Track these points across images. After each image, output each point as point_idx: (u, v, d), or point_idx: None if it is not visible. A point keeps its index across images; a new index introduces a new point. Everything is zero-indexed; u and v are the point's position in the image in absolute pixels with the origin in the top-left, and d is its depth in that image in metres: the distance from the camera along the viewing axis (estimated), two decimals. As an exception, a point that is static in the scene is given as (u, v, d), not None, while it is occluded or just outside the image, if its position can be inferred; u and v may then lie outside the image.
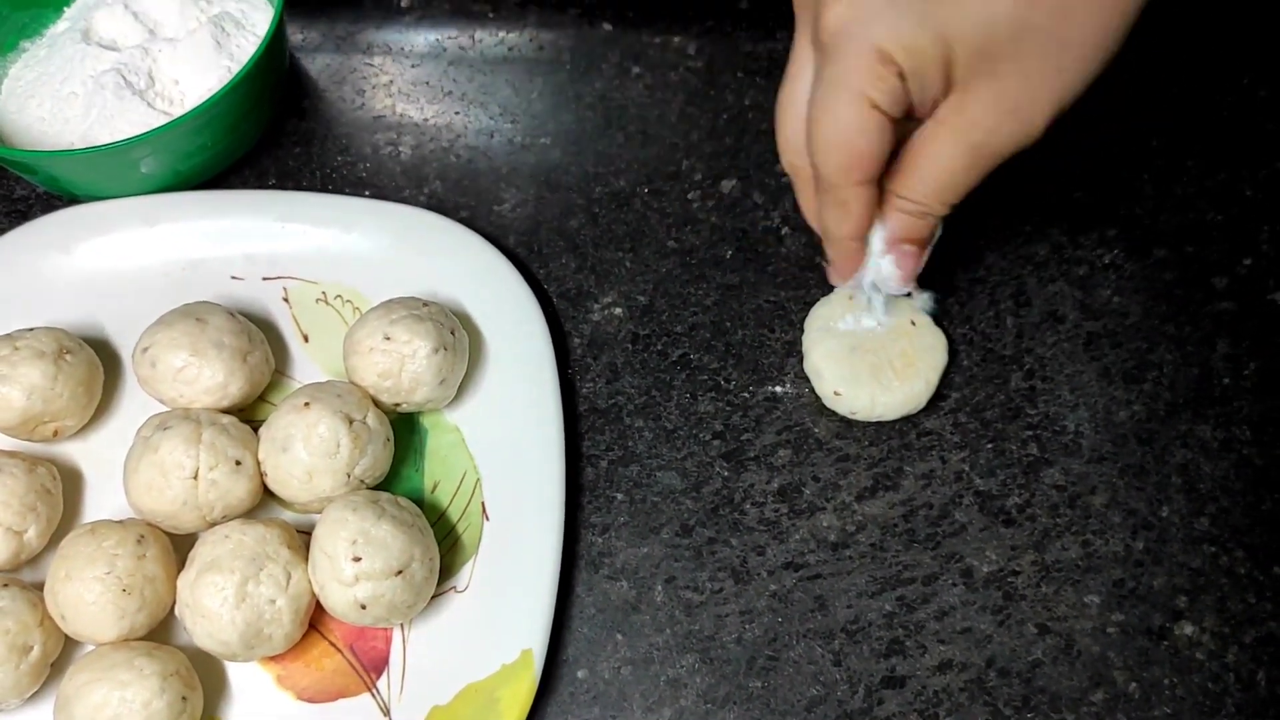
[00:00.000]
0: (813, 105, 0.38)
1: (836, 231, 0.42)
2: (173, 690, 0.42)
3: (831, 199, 0.40)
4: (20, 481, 0.45)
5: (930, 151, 0.39)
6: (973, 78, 0.36)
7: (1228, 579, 0.46)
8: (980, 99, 0.37)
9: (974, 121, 0.37)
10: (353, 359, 0.48)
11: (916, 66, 0.36)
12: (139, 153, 0.51)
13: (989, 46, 0.35)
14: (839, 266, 0.46)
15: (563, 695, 0.45)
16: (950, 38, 0.35)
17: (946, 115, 0.38)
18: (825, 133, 0.38)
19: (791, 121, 0.41)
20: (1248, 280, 0.53)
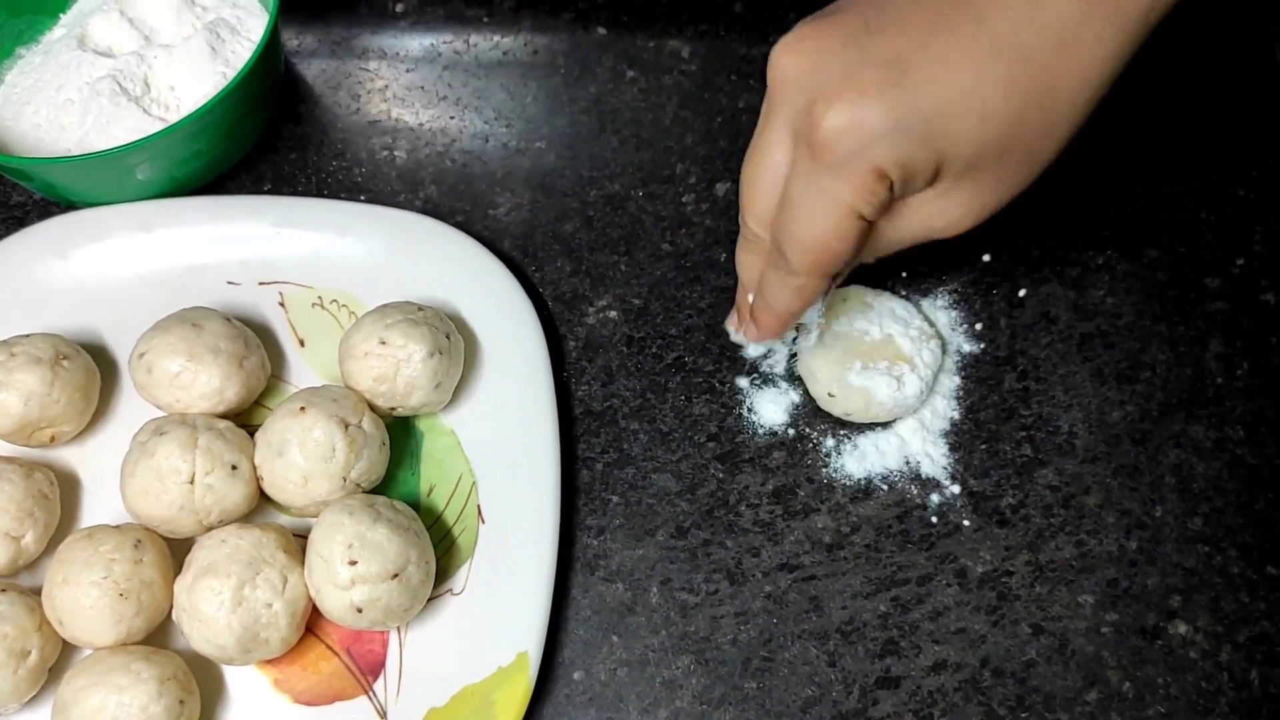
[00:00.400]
0: (794, 201, 0.38)
1: (783, 308, 0.43)
2: (170, 694, 0.42)
3: (791, 282, 0.41)
4: (18, 487, 0.45)
5: (893, 230, 0.40)
6: (955, 182, 0.38)
7: (1221, 578, 0.47)
8: (956, 199, 0.38)
9: (942, 214, 0.39)
10: (348, 363, 0.48)
11: (909, 179, 0.37)
12: (135, 159, 0.51)
13: (977, 161, 0.37)
14: (765, 332, 0.45)
15: (559, 697, 0.45)
16: (945, 155, 0.37)
17: (919, 206, 0.39)
18: (804, 232, 0.38)
19: (761, 194, 0.41)
20: (1240, 280, 0.53)
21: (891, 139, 0.36)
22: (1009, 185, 0.38)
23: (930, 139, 0.36)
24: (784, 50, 0.38)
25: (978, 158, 0.37)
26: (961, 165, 0.37)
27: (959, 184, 0.38)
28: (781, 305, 0.42)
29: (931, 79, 0.35)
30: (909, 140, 0.36)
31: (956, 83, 0.36)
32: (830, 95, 0.36)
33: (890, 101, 0.35)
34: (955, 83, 0.35)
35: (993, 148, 0.37)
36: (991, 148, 0.37)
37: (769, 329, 0.44)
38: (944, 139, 0.36)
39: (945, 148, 0.36)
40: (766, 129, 0.39)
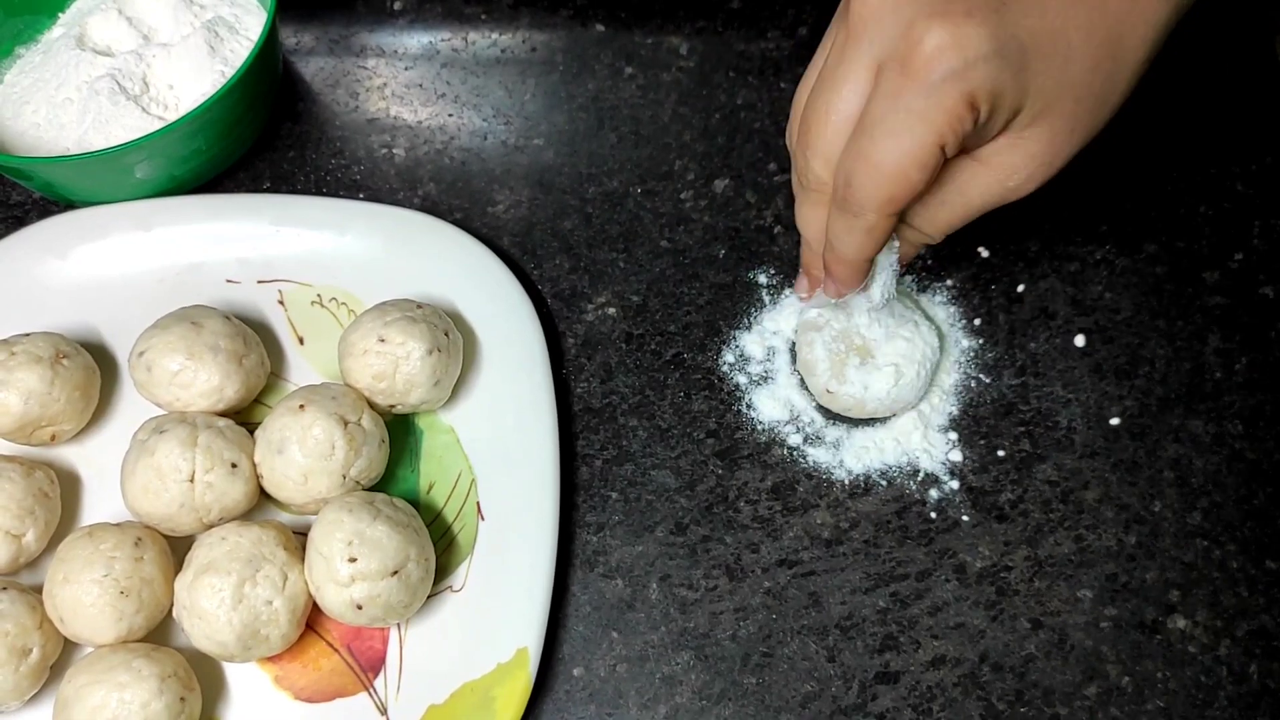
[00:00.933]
0: (875, 123, 0.37)
1: (855, 255, 0.41)
2: (171, 691, 0.42)
3: (859, 224, 0.39)
4: (18, 485, 0.45)
5: (966, 190, 0.40)
6: (1028, 129, 0.38)
7: (1220, 573, 0.47)
8: (1029, 149, 0.39)
9: (1015, 167, 0.39)
10: (347, 361, 0.48)
11: (994, 112, 0.37)
12: (134, 158, 0.51)
13: (1055, 102, 0.38)
14: (842, 283, 0.43)
15: (558, 693, 0.45)
16: (1029, 91, 0.37)
17: (991, 158, 0.39)
18: (884, 156, 0.37)
19: (833, 130, 0.39)
20: (1239, 275, 0.53)
21: (990, 64, 0.36)
22: (1078, 134, 0.39)
23: (1022, 71, 0.36)
24: None
25: (1056, 99, 0.37)
26: (1041, 106, 0.37)
27: (1033, 130, 0.38)
28: (854, 250, 0.41)
29: (1027, 13, 0.36)
30: (1005, 68, 0.36)
31: (1047, 21, 0.37)
32: (932, 14, 0.36)
33: (993, 26, 0.36)
34: (1046, 20, 0.37)
35: (1070, 89, 0.37)
36: (1069, 89, 0.37)
37: (846, 279, 0.43)
38: (1032, 73, 0.37)
39: (1031, 82, 0.37)
40: (846, 61, 0.38)
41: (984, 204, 0.40)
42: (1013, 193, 0.40)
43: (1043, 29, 0.37)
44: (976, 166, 0.39)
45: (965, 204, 0.40)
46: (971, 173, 0.39)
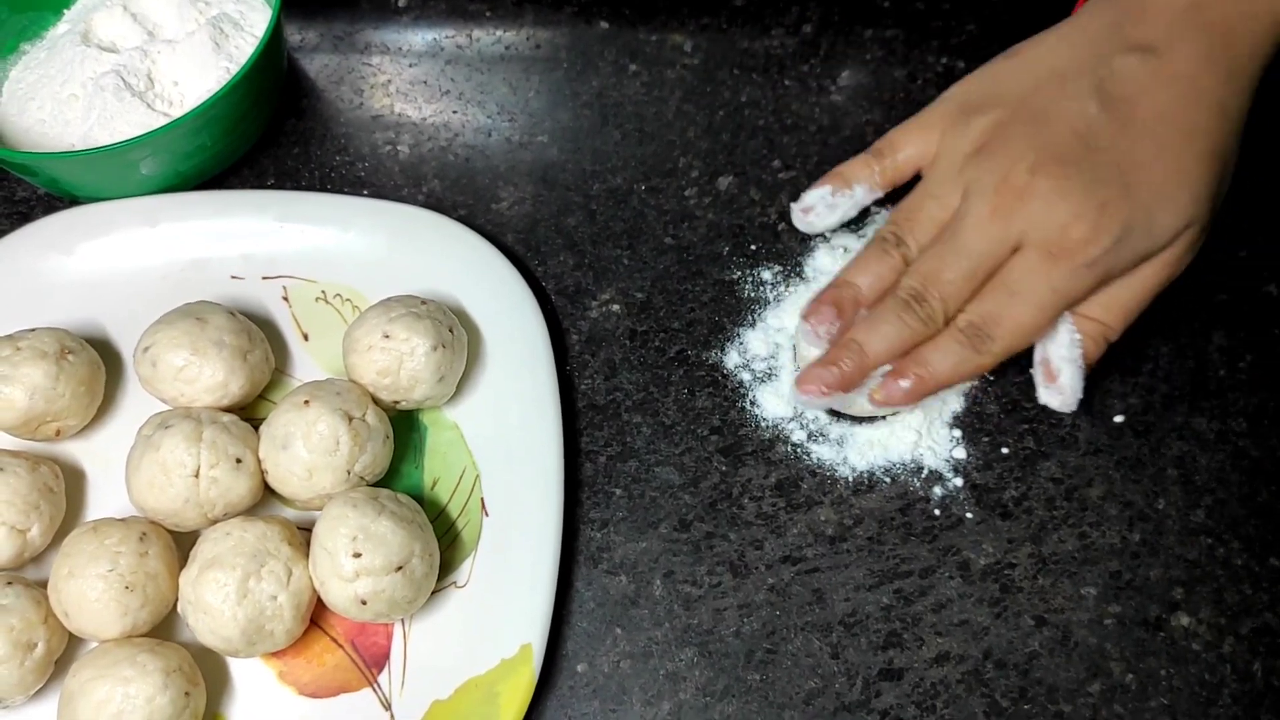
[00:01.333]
0: (1019, 290, 0.44)
1: (950, 380, 0.45)
2: (175, 686, 0.42)
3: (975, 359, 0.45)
4: (23, 480, 0.45)
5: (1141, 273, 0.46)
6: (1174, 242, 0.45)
7: (1224, 570, 0.47)
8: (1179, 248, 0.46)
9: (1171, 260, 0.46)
10: (352, 357, 0.48)
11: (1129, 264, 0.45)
12: (139, 154, 0.51)
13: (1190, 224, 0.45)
14: (911, 398, 0.46)
15: (562, 689, 0.46)
16: (1166, 232, 0.45)
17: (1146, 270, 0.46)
18: (1025, 320, 0.45)
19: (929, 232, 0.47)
20: (1243, 272, 0.53)
21: (1122, 245, 0.43)
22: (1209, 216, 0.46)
23: (1150, 230, 0.44)
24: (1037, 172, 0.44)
25: (1192, 217, 0.45)
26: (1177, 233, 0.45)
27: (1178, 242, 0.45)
28: (951, 377, 0.45)
29: (1149, 181, 0.44)
30: (1133, 239, 0.44)
31: (1162, 178, 0.44)
32: (1076, 215, 0.43)
33: (1124, 212, 0.43)
34: (1160, 178, 0.44)
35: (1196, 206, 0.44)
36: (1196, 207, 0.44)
37: (916, 396, 0.46)
38: (1160, 223, 0.44)
39: (1159, 226, 0.44)
40: (990, 231, 0.45)
41: (1155, 286, 0.46)
42: (1173, 276, 0.46)
43: (1162, 175, 0.44)
44: (1146, 263, 0.45)
45: (1141, 289, 0.46)
46: (1143, 268, 0.45)
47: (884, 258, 0.47)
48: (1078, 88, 0.45)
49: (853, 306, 0.47)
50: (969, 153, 0.46)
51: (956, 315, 0.45)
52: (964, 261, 0.45)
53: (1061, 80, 0.46)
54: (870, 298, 0.47)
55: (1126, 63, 0.45)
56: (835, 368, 0.46)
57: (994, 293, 0.45)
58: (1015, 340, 0.45)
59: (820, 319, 0.47)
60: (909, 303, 0.45)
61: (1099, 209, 0.43)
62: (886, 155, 0.50)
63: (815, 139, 0.57)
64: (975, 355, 0.45)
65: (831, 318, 0.47)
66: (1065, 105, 0.45)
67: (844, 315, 0.47)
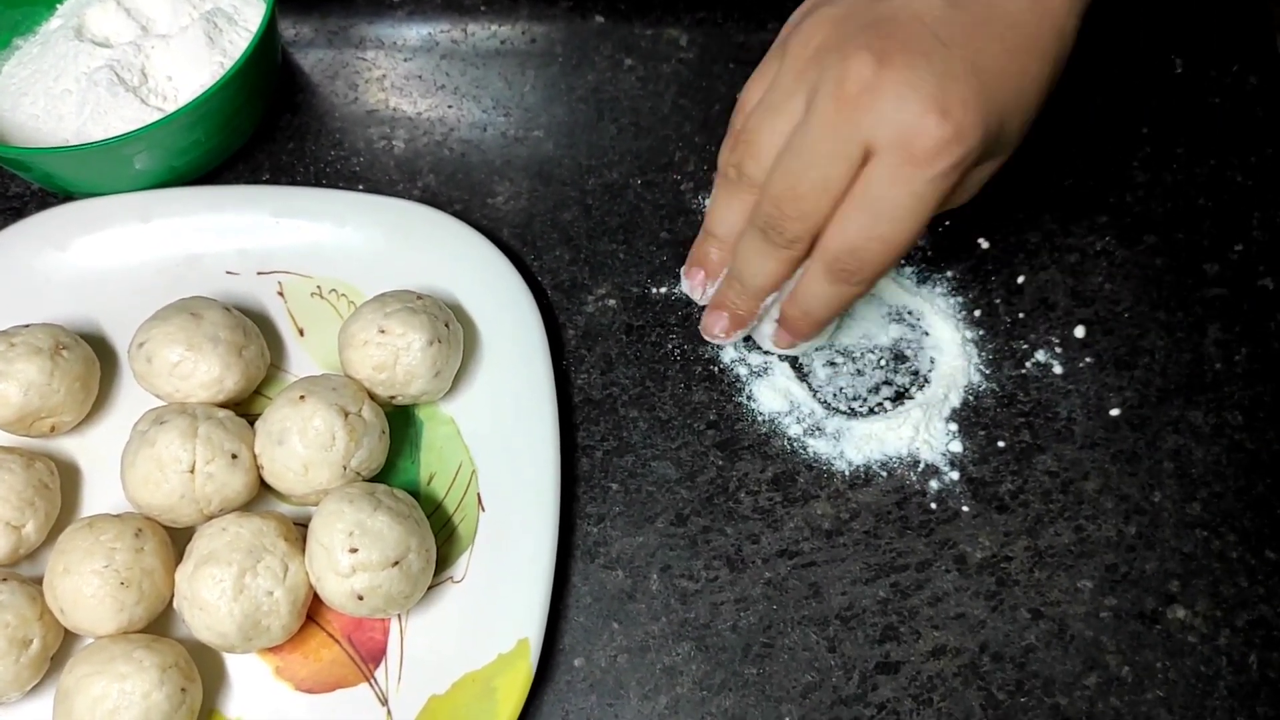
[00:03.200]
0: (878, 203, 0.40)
1: (830, 315, 0.44)
2: (172, 682, 0.42)
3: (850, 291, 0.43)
4: (18, 477, 0.45)
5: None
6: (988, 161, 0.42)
7: (1220, 563, 0.47)
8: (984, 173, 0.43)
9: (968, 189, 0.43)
10: (348, 352, 0.48)
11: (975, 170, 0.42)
12: (133, 149, 0.51)
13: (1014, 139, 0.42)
14: (798, 335, 0.46)
15: (559, 684, 0.46)
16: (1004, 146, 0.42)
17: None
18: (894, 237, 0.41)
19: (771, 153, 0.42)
20: (1239, 266, 0.53)
21: (982, 144, 0.40)
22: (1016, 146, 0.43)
23: (1000, 136, 0.41)
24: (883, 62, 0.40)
25: (1016, 136, 0.42)
26: (1005, 145, 0.42)
27: (992, 160, 0.42)
28: (831, 312, 0.44)
29: (1001, 86, 0.40)
30: (990, 141, 0.40)
31: (1012, 86, 0.41)
32: (930, 108, 0.39)
33: (983, 111, 0.39)
34: (1011, 86, 0.41)
35: (1023, 124, 0.42)
36: (1023, 123, 0.42)
37: (807, 333, 0.45)
38: (1007, 135, 0.41)
39: (1005, 141, 0.41)
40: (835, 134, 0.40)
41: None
42: (955, 205, 0.43)
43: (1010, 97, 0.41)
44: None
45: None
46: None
47: (731, 198, 0.44)
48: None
49: (719, 256, 0.46)
50: (806, 57, 0.42)
51: (822, 231, 0.42)
52: (813, 172, 0.41)
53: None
54: (731, 242, 0.45)
55: None
56: (726, 310, 0.46)
57: (855, 213, 0.41)
58: (884, 261, 0.42)
59: (693, 281, 0.48)
60: (765, 232, 0.43)
61: (960, 106, 0.39)
62: (737, 120, 0.46)
63: (811, 133, 0.57)
64: (848, 287, 0.43)
65: (700, 279, 0.47)
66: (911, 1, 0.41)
67: (711, 270, 0.47)
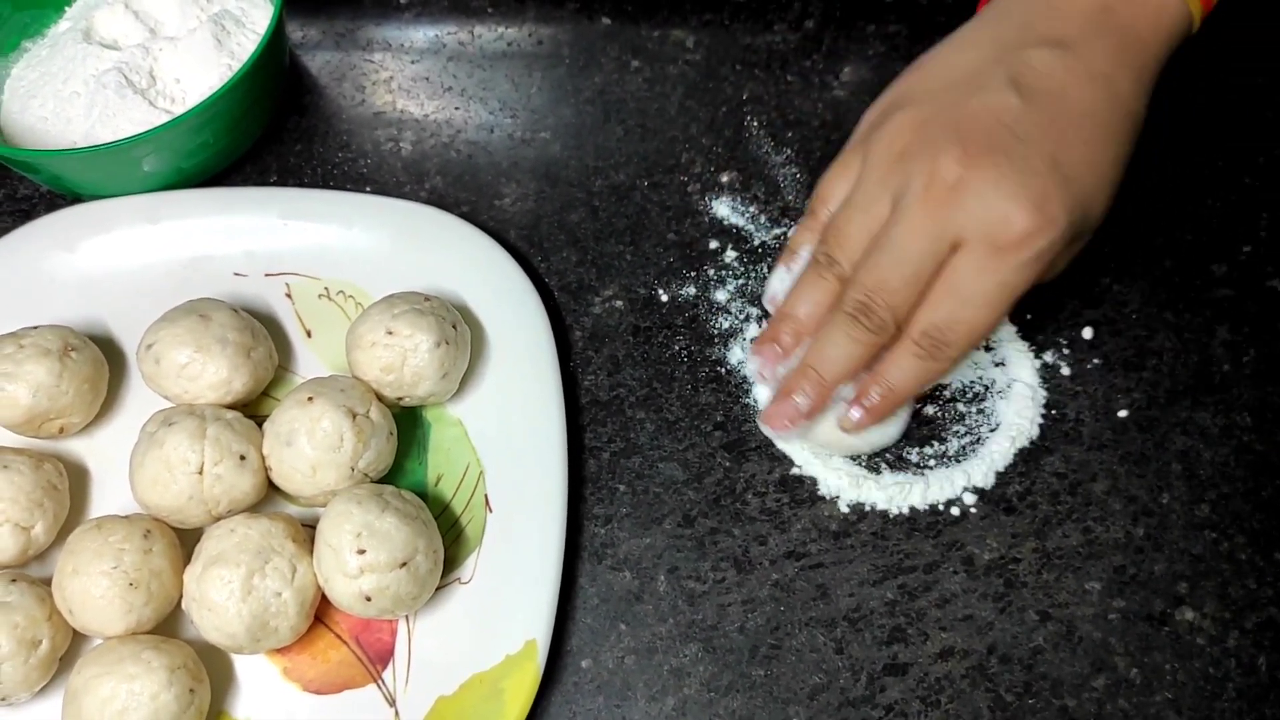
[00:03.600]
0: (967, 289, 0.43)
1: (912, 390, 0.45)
2: (180, 683, 0.42)
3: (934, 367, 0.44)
4: (27, 478, 0.45)
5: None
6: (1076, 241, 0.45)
7: (1228, 565, 0.47)
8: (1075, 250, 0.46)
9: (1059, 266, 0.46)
10: (355, 354, 0.48)
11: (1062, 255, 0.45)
12: (141, 151, 0.51)
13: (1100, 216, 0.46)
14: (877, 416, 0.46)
15: (567, 685, 0.46)
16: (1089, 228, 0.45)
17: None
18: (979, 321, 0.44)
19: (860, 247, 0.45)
20: (1247, 267, 0.53)
21: (1065, 233, 0.43)
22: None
23: (1084, 220, 0.44)
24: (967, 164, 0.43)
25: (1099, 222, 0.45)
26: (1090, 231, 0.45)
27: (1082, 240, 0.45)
28: (911, 388, 0.45)
29: (1080, 175, 0.43)
30: (1074, 228, 0.43)
31: (1092, 172, 0.44)
32: (1020, 206, 0.42)
33: (1067, 203, 0.42)
34: (1091, 172, 0.44)
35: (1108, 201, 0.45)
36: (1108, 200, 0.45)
37: (882, 413, 0.46)
38: (1090, 217, 0.44)
39: (1089, 223, 0.44)
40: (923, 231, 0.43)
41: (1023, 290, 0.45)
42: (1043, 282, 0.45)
43: (1092, 181, 0.44)
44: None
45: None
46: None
47: (818, 282, 0.46)
48: (994, 80, 0.44)
49: (794, 340, 0.47)
50: (892, 158, 0.44)
51: (908, 320, 0.44)
52: (904, 268, 0.43)
53: (975, 75, 0.44)
54: (811, 326, 0.46)
55: (1040, 55, 0.44)
56: (796, 398, 0.46)
57: (944, 298, 0.43)
58: (970, 341, 0.44)
59: (766, 359, 0.47)
60: (855, 317, 0.44)
61: (1040, 199, 0.42)
62: (819, 210, 0.48)
63: (818, 135, 0.57)
64: (934, 364, 0.44)
65: (775, 356, 0.47)
66: (985, 98, 0.44)
67: (787, 351, 0.47)
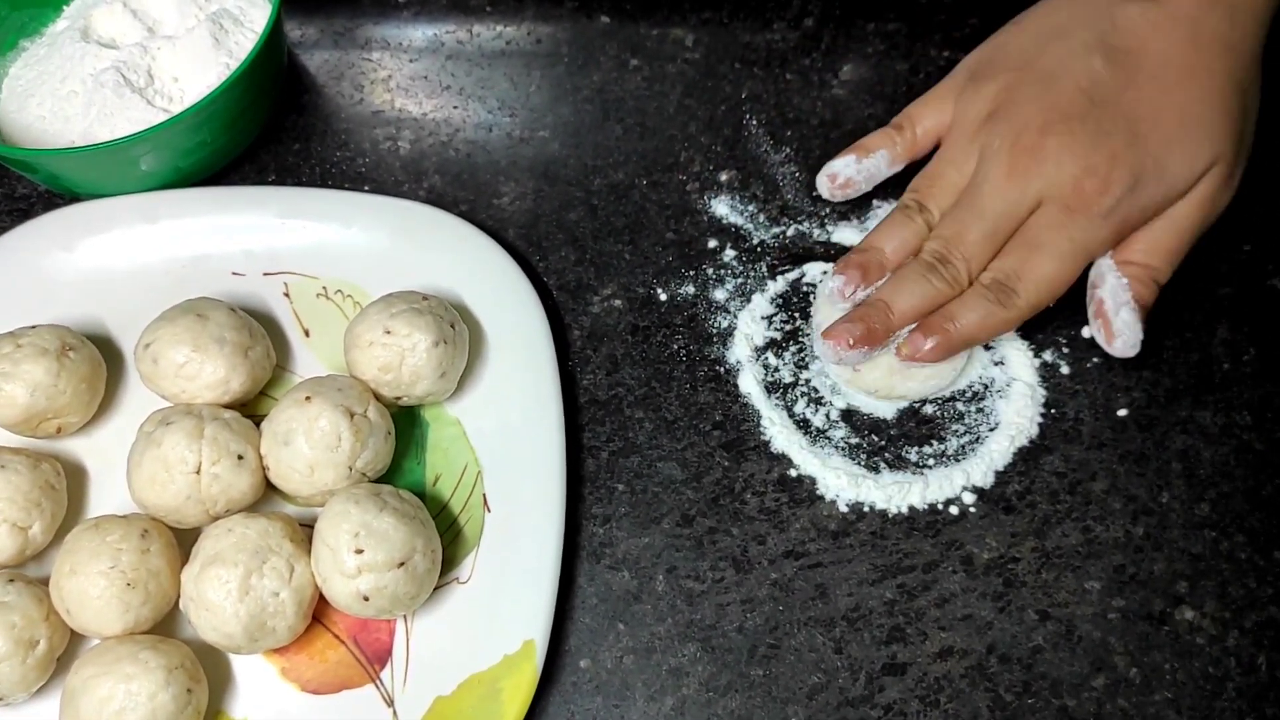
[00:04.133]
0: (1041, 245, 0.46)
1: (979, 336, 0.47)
2: (178, 683, 0.42)
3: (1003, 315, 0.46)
4: (25, 478, 0.45)
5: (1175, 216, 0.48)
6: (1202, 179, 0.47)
7: (1228, 564, 0.46)
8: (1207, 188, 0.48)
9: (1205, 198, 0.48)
10: (353, 353, 0.48)
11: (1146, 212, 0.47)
12: (139, 150, 0.51)
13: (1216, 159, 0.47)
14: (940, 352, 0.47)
15: (565, 685, 0.45)
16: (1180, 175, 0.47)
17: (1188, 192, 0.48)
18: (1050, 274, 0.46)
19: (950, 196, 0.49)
20: (1247, 266, 0.53)
21: (1134, 194, 0.45)
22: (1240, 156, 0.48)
23: (1161, 176, 0.46)
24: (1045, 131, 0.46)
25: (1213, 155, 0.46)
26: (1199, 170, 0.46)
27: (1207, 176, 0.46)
28: (983, 333, 0.47)
29: (1157, 123, 0.46)
30: (1145, 187, 0.45)
31: (1172, 117, 0.45)
32: (1087, 168, 0.45)
33: (1132, 162, 0.45)
34: (1171, 118, 0.45)
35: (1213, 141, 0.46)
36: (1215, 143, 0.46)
37: (943, 351, 0.47)
38: (1173, 167, 0.46)
39: (1173, 171, 0.46)
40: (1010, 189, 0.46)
41: (1193, 226, 0.47)
42: (1211, 215, 0.48)
43: (1172, 122, 0.45)
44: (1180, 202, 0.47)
45: (1177, 230, 0.47)
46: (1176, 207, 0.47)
47: (907, 223, 0.49)
48: (1082, 43, 0.47)
49: (878, 270, 0.49)
50: (981, 119, 0.48)
51: (980, 276, 0.47)
52: (984, 223, 0.46)
53: (1065, 38, 0.48)
54: (894, 262, 0.49)
55: (1127, 13, 0.47)
56: (861, 323, 0.47)
57: (1016, 249, 0.46)
58: (1040, 293, 0.46)
59: (848, 279, 0.49)
60: (934, 264, 0.47)
61: (1108, 161, 0.45)
62: (905, 128, 0.52)
63: (817, 133, 0.57)
64: (1001, 310, 0.46)
65: (857, 279, 0.49)
66: (1070, 64, 0.47)
67: (868, 278, 0.49)
